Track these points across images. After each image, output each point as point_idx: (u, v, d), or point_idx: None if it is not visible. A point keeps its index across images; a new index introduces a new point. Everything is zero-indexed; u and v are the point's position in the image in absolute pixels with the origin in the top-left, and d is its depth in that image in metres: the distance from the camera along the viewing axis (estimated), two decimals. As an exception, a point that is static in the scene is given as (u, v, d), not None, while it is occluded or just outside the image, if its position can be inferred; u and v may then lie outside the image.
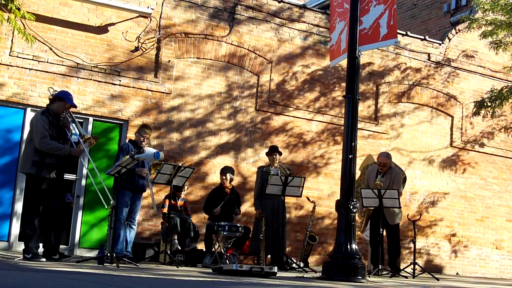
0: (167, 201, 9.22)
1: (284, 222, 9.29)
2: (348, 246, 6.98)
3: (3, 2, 8.87)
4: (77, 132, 7.55)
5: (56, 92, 7.82)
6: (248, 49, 11.18)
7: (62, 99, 7.46)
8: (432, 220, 12.60)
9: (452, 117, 13.07)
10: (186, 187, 9.59)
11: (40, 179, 7.23)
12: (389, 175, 9.39)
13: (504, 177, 13.56)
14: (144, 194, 8.92)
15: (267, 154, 9.69)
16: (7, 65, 9.45)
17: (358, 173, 9.77)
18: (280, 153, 9.64)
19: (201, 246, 9.73)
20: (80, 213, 9.82)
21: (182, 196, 9.61)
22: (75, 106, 7.75)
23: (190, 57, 10.73)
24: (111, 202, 7.57)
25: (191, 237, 9.32)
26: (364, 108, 11.98)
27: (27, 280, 4.60)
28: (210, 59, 10.88)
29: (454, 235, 12.78)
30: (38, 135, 7.19)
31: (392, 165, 9.68)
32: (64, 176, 7.74)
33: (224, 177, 9.49)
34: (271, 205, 9.30)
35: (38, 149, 7.21)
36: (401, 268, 9.39)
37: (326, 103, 11.82)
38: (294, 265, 9.25)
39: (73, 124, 7.52)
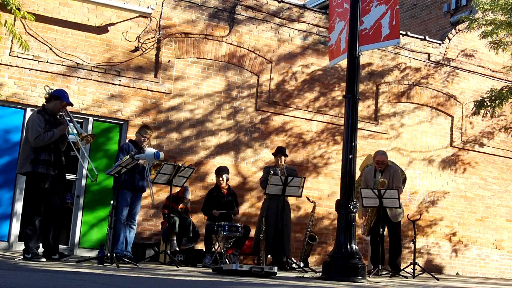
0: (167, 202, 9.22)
1: (286, 223, 9.26)
2: (348, 246, 6.97)
3: (3, 2, 8.86)
4: (75, 130, 7.54)
5: (52, 90, 7.80)
6: (248, 49, 11.18)
7: (58, 97, 7.44)
8: (432, 220, 12.60)
9: (452, 117, 13.07)
10: (188, 197, 9.64)
11: (38, 176, 7.18)
12: (387, 173, 9.40)
13: (504, 177, 13.56)
14: (144, 194, 8.91)
15: (273, 154, 9.72)
16: (7, 65, 9.45)
17: (358, 173, 9.78)
18: (286, 155, 9.63)
19: (201, 246, 9.73)
20: (80, 213, 9.82)
21: (185, 201, 9.66)
22: (71, 104, 7.71)
23: (190, 57, 10.73)
24: (96, 174, 7.56)
25: (189, 237, 9.32)
26: (363, 108, 11.98)
27: (27, 280, 4.60)
28: (210, 59, 10.88)
29: (454, 234, 12.78)
30: (33, 134, 7.16)
31: (389, 163, 9.69)
32: (66, 176, 7.74)
33: (221, 179, 9.49)
34: (275, 206, 9.29)
35: (34, 147, 7.19)
36: (401, 268, 9.39)
37: (326, 103, 11.82)
38: (294, 265, 9.25)
39: (70, 123, 7.50)
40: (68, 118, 7.49)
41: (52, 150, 7.29)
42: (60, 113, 7.46)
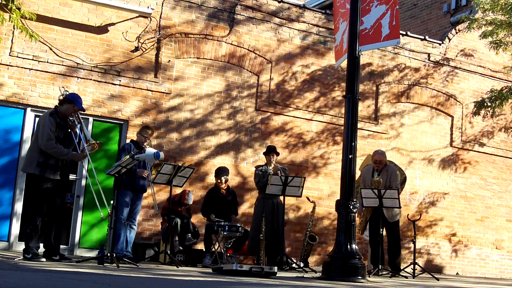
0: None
1: (281, 223, 9.26)
2: (348, 246, 6.98)
3: (3, 2, 8.87)
4: (83, 136, 7.57)
5: (67, 92, 7.85)
6: (247, 49, 11.18)
7: (71, 101, 7.49)
8: (432, 220, 12.60)
9: (452, 116, 13.07)
10: (190, 203, 9.63)
11: (44, 179, 7.24)
12: (385, 172, 9.40)
13: (504, 177, 13.56)
14: (144, 194, 8.91)
15: (264, 153, 9.71)
16: (7, 65, 9.45)
17: (358, 173, 9.78)
18: (277, 154, 9.63)
19: (201, 246, 9.74)
20: (80, 213, 9.82)
21: (187, 206, 9.66)
22: (84, 110, 7.78)
23: (189, 57, 10.73)
24: (108, 211, 7.57)
25: (191, 233, 9.34)
26: (363, 108, 11.98)
27: (27, 280, 4.60)
28: (210, 59, 10.88)
29: (454, 235, 12.78)
30: (44, 136, 7.20)
31: (387, 162, 9.69)
32: (69, 177, 7.78)
33: (219, 180, 9.49)
34: (270, 205, 9.29)
35: (43, 149, 7.22)
36: (401, 268, 9.39)
37: (326, 103, 11.81)
38: (294, 265, 9.24)
39: (80, 128, 7.54)
40: (78, 123, 7.54)
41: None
42: (71, 118, 7.51)
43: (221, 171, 9.58)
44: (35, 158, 7.25)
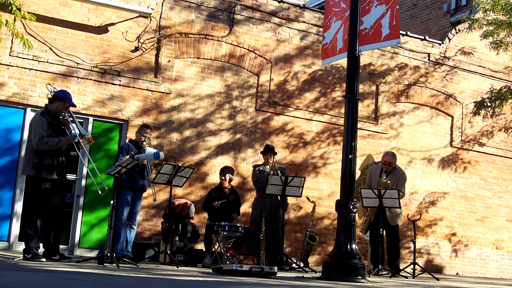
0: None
1: (280, 222, 9.24)
2: (348, 246, 6.98)
3: (3, 2, 8.86)
4: (77, 131, 7.55)
5: (55, 89, 7.81)
6: (247, 49, 11.18)
7: (61, 99, 7.45)
8: (432, 220, 12.60)
9: (452, 116, 13.07)
10: (192, 215, 9.60)
11: (40, 180, 7.23)
12: (393, 175, 9.37)
13: (504, 177, 13.56)
14: (144, 194, 8.91)
15: (261, 153, 9.71)
16: (7, 65, 9.45)
17: (358, 173, 9.78)
18: (275, 153, 9.62)
19: (201, 246, 9.74)
20: (80, 213, 9.82)
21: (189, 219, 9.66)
22: (74, 106, 7.73)
23: (189, 57, 10.73)
24: (106, 189, 7.54)
25: (188, 237, 9.34)
26: (363, 108, 11.98)
27: (27, 280, 4.60)
28: (210, 59, 10.88)
29: (454, 235, 12.78)
30: (36, 136, 7.18)
31: (397, 166, 9.66)
32: (66, 176, 7.75)
33: (223, 178, 9.49)
34: (268, 205, 9.29)
35: (36, 149, 7.20)
36: (401, 268, 9.39)
37: (326, 103, 11.82)
38: (294, 265, 9.24)
39: (73, 124, 7.51)
40: (71, 119, 7.51)
41: (55, 153, 7.31)
42: (63, 114, 7.48)
43: (226, 169, 9.58)
44: (30, 160, 7.23)
